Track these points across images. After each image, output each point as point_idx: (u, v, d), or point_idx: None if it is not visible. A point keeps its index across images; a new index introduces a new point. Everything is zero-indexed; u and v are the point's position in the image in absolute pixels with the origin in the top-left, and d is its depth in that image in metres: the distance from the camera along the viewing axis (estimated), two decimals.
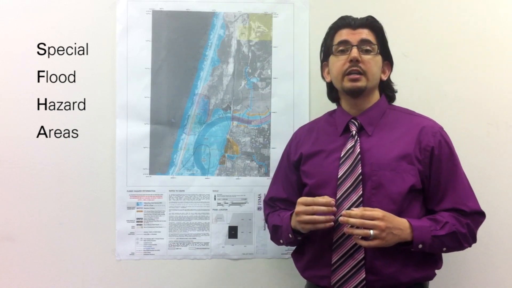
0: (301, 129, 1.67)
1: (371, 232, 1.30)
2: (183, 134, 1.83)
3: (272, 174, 1.81)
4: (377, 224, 1.30)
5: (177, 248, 1.82)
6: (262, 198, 1.82)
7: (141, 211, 1.82)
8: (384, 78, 1.53)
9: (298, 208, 1.39)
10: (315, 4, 1.85)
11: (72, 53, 1.80)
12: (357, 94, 1.47)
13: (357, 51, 1.43)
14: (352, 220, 1.31)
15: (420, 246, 1.34)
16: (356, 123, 1.49)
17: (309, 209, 1.36)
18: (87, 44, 1.81)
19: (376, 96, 1.52)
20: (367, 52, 1.45)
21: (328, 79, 1.58)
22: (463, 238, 1.39)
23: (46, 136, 1.80)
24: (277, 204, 1.63)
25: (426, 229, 1.35)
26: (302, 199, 1.41)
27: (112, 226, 1.81)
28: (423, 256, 1.39)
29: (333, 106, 1.86)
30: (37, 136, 1.79)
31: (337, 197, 1.41)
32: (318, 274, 1.45)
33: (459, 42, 1.83)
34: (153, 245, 1.82)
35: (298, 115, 1.84)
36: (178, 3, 1.83)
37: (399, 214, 1.37)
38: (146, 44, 1.82)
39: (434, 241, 1.35)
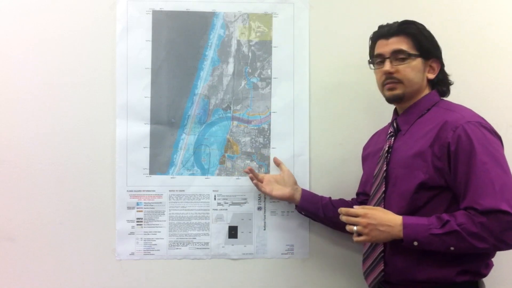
0: (377, 131, 1.74)
1: (355, 228, 1.39)
2: (183, 134, 1.83)
3: (272, 174, 1.82)
4: (358, 220, 1.39)
5: (177, 248, 1.82)
6: (262, 198, 1.83)
7: (141, 211, 1.82)
8: (432, 76, 1.52)
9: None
10: (315, 4, 1.85)
11: (72, 53, 1.80)
12: (397, 101, 1.53)
13: (389, 64, 1.48)
14: (343, 218, 1.42)
15: (416, 243, 1.34)
16: (395, 124, 1.55)
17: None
18: (87, 44, 1.81)
19: (423, 95, 1.52)
20: (402, 60, 1.47)
21: None
22: (474, 238, 1.30)
23: (46, 136, 1.80)
24: (360, 197, 1.73)
25: (423, 227, 1.33)
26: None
27: (112, 226, 1.81)
28: (444, 255, 1.36)
29: (332, 107, 1.87)
30: (37, 136, 1.79)
31: (370, 193, 1.56)
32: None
33: (459, 42, 1.83)
34: (153, 245, 1.82)
35: (298, 115, 1.84)
36: (178, 3, 1.83)
37: (413, 211, 1.39)
38: (146, 44, 1.82)
39: (434, 239, 1.32)
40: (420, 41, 1.49)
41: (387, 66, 1.48)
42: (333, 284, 1.85)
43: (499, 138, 1.42)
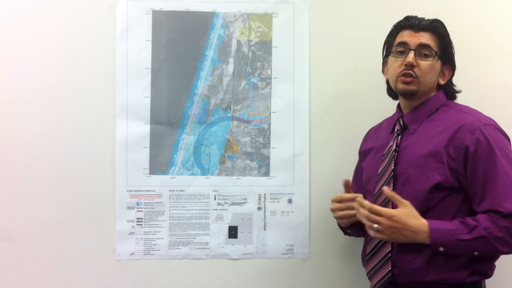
0: (373, 127, 1.72)
1: (375, 226, 1.34)
2: (183, 134, 1.83)
3: (272, 174, 1.82)
4: (380, 220, 1.33)
5: (177, 248, 1.82)
6: (262, 198, 1.82)
7: (141, 211, 1.82)
8: (443, 82, 1.51)
9: (332, 205, 1.54)
10: (315, 4, 1.85)
11: (72, 53, 1.80)
12: (408, 96, 1.48)
13: (413, 56, 1.44)
14: (361, 210, 1.37)
15: (442, 249, 1.32)
16: (402, 122, 1.52)
17: (342, 205, 1.50)
18: (87, 44, 1.81)
19: (431, 96, 1.51)
20: (425, 56, 1.46)
21: (387, 76, 1.59)
22: (499, 242, 1.30)
23: (46, 136, 1.80)
24: None
25: (450, 232, 1.31)
26: (334, 196, 1.53)
27: (112, 226, 1.81)
28: (454, 257, 1.35)
29: (332, 107, 1.87)
30: (37, 136, 1.79)
31: (375, 192, 1.50)
32: (364, 265, 1.55)
33: (459, 42, 1.83)
34: (153, 245, 1.82)
35: (298, 115, 1.84)
36: (178, 3, 1.83)
37: (424, 212, 1.37)
38: (146, 44, 1.82)
39: (460, 245, 1.31)
40: (445, 44, 1.49)
41: (411, 57, 1.44)
42: (333, 285, 1.85)
43: (509, 140, 1.43)
